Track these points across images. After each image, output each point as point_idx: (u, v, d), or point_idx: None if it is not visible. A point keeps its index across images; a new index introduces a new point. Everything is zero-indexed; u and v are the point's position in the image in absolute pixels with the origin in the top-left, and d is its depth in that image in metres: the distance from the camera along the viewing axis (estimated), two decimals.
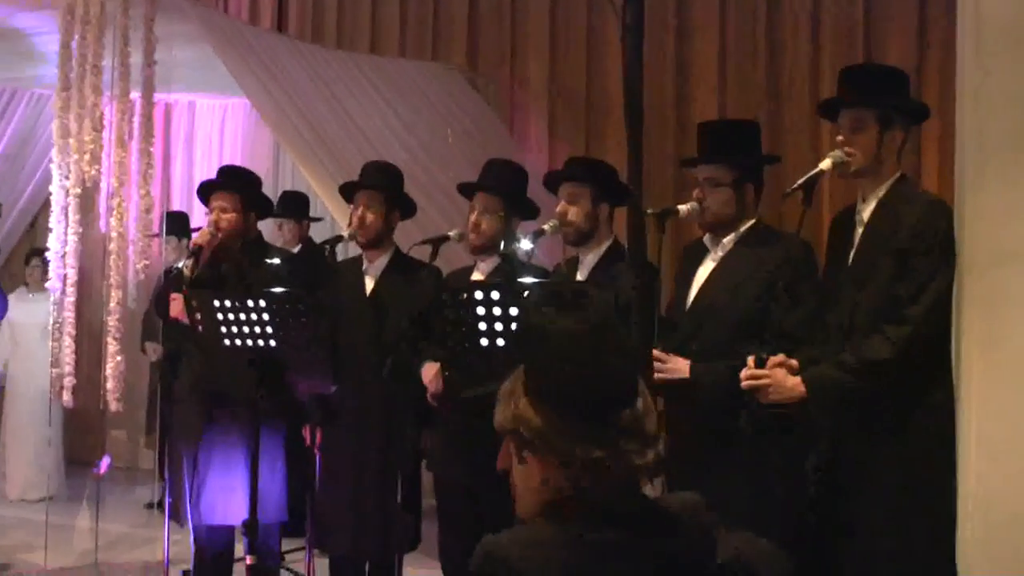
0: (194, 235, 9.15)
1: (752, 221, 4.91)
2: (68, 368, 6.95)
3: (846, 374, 4.32)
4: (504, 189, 5.67)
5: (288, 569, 7.00)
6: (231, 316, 5.07)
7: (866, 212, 4.49)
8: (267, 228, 8.62)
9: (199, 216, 9.87)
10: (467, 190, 5.79)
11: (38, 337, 8.97)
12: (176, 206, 10.60)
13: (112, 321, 6.76)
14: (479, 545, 2.19)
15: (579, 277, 5.35)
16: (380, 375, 5.56)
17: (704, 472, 4.26)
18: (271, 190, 9.36)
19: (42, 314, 8.87)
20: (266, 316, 5.01)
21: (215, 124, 10.87)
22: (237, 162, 9.84)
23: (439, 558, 5.70)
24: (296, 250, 8.19)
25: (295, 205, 8.58)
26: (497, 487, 2.39)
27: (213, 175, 6.47)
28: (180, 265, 8.25)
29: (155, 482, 8.88)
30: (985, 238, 4.33)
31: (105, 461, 8.32)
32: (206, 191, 6.19)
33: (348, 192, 5.97)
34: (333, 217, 8.55)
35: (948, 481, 4.28)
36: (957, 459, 4.32)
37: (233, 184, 6.16)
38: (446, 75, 9.17)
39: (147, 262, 6.85)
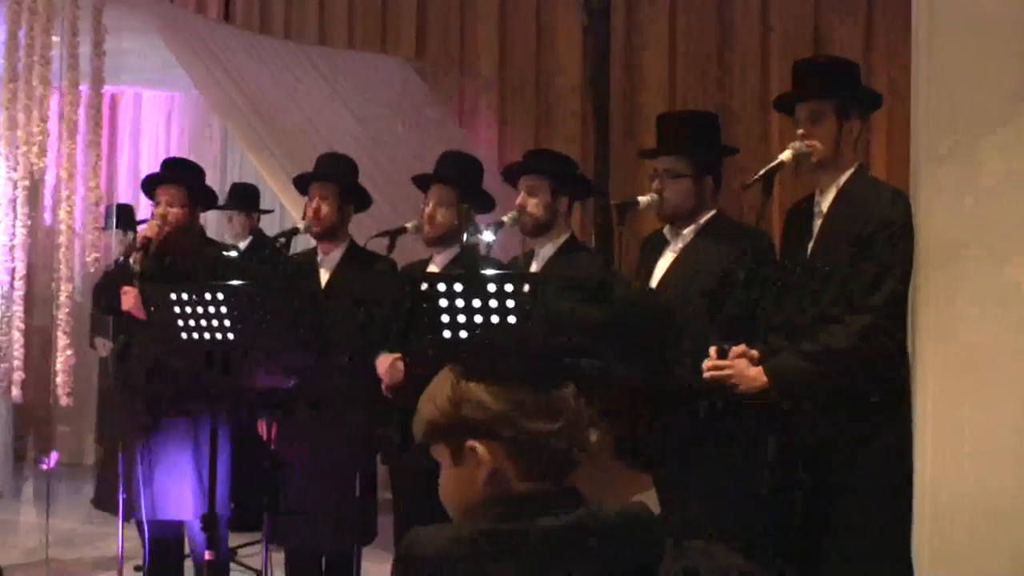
0: (140, 228, 9.09)
1: (712, 213, 4.93)
2: (17, 363, 6.85)
3: (807, 362, 4.34)
4: (459, 181, 5.65)
5: (241, 564, 6.95)
6: (188, 309, 5.02)
7: (825, 203, 4.52)
8: (216, 220, 8.58)
9: (144, 209, 9.79)
10: (422, 182, 5.77)
11: None
12: (122, 199, 10.48)
13: (62, 315, 6.68)
14: (405, 535, 2.08)
15: (534, 269, 5.35)
16: (337, 366, 5.52)
17: (683, 471, 4.25)
18: (219, 183, 9.31)
19: None
20: (224, 309, 4.97)
21: (161, 116, 10.76)
22: (184, 154, 9.75)
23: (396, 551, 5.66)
24: (247, 243, 8.12)
25: (245, 197, 8.50)
26: None
27: (157, 168, 6.41)
28: (129, 258, 8.23)
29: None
30: (938, 228, 4.38)
31: (53, 456, 8.23)
32: (151, 184, 6.12)
33: (302, 184, 5.93)
34: (283, 208, 8.50)
35: None
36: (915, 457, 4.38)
37: (178, 177, 6.09)
38: (395, 66, 9.13)
39: (97, 255, 6.75)
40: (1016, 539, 4.60)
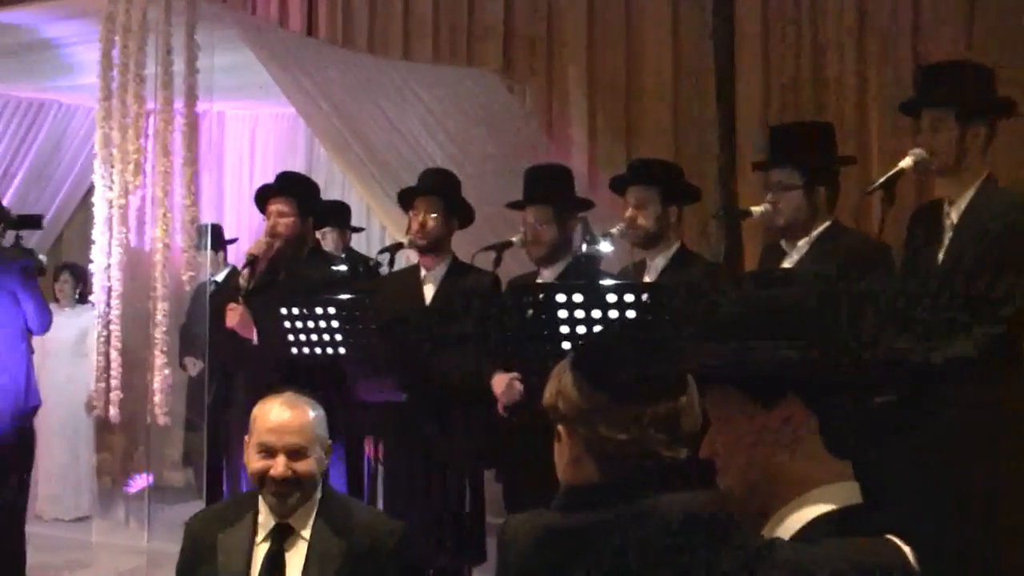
0: (228, 246, 9.07)
1: (827, 223, 4.83)
2: (115, 382, 6.80)
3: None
4: (553, 198, 5.58)
5: None
6: (299, 324, 4.97)
7: (955, 213, 4.43)
8: None
9: (231, 228, 9.76)
10: (516, 205, 5.71)
11: (68, 353, 8.85)
12: (205, 219, 10.43)
13: (159, 334, 6.63)
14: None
15: (647, 280, 5.26)
16: (443, 382, 5.44)
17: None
18: None
19: (73, 329, 8.74)
20: (335, 323, 4.92)
21: (245, 134, 10.68)
22: (269, 172, 9.72)
23: None
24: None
25: (337, 214, 8.42)
26: None
27: (241, 187, 6.39)
28: (217, 278, 8.21)
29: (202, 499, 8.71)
30: None
31: (139, 479, 8.17)
32: (263, 197, 6.09)
33: (407, 198, 5.87)
34: (382, 227, 8.45)
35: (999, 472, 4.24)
36: None
37: (290, 189, 6.06)
38: (482, 79, 9.04)
39: (192, 274, 6.69)
40: None
